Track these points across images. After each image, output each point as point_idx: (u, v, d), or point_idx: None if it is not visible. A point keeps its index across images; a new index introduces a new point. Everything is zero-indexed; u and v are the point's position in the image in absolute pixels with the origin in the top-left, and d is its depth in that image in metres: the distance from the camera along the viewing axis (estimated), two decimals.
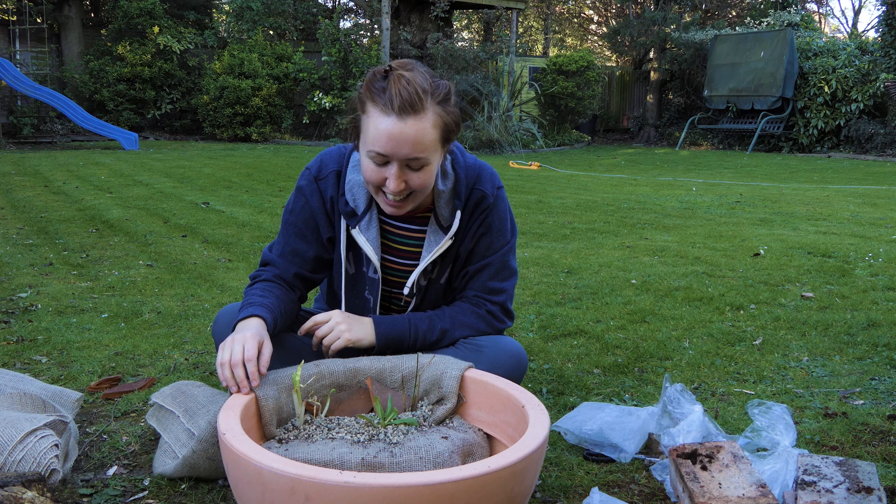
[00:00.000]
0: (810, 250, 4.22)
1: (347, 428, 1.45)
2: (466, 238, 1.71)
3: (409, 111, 1.45)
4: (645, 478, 1.59)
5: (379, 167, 1.51)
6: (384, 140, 1.46)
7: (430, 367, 1.54)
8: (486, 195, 1.69)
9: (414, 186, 1.53)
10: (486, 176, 1.72)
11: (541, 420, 1.33)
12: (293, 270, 1.72)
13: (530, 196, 6.91)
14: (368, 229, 1.67)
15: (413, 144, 1.46)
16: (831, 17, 30.72)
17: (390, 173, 1.50)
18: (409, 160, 1.49)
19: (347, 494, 1.09)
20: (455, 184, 1.67)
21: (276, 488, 1.14)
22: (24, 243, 4.26)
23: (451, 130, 1.54)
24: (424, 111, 1.47)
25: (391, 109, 1.45)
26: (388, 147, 1.46)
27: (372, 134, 1.47)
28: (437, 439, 1.37)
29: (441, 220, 1.67)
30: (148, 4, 14.13)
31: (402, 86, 1.45)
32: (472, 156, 1.75)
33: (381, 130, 1.46)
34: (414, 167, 1.50)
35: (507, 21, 16.62)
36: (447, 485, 1.10)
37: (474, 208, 1.70)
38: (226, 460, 1.25)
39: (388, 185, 1.51)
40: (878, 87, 13.19)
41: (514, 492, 1.20)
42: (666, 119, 17.41)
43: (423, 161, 1.50)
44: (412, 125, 1.45)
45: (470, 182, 1.69)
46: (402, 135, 1.45)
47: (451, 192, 1.67)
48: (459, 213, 1.67)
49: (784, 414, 1.65)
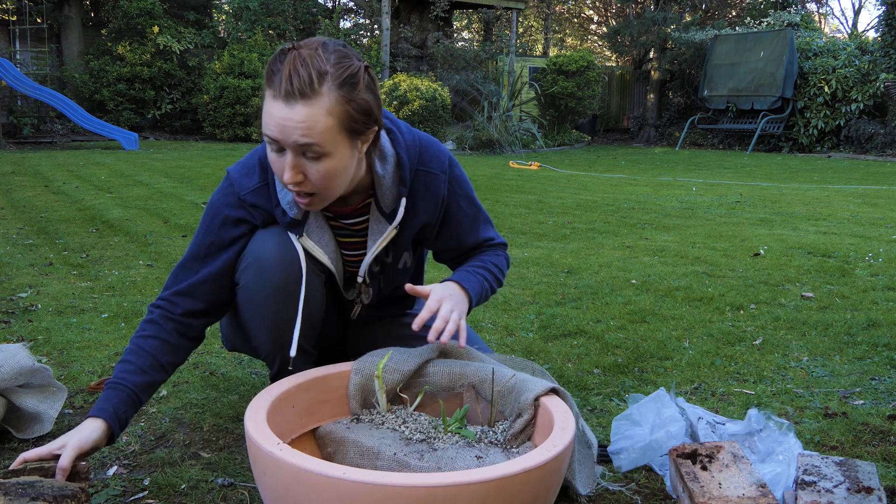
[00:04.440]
0: (810, 250, 4.22)
1: (415, 426, 1.49)
2: (417, 222, 1.62)
3: (296, 96, 1.31)
4: (645, 478, 1.59)
5: (278, 156, 1.38)
6: (272, 124, 1.34)
7: (517, 385, 1.51)
8: (436, 175, 1.59)
9: (313, 180, 1.39)
10: (431, 153, 1.60)
11: (566, 425, 1.32)
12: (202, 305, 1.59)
13: (530, 196, 6.91)
14: (322, 236, 1.58)
15: (302, 131, 1.32)
16: (831, 17, 30.72)
17: (286, 162, 1.37)
18: (302, 147, 1.34)
19: (337, 487, 1.12)
20: (397, 167, 1.54)
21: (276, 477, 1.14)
22: (24, 243, 4.26)
23: (355, 120, 1.37)
24: (317, 96, 1.31)
25: (280, 93, 1.32)
26: (277, 131, 1.34)
27: (265, 118, 1.36)
28: (470, 457, 1.37)
29: (383, 207, 1.56)
30: (148, 4, 14.13)
31: (295, 68, 1.31)
32: (413, 130, 1.61)
33: (271, 115, 1.34)
34: (310, 156, 1.36)
35: (507, 21, 16.62)
36: (430, 489, 1.11)
37: (424, 192, 1.59)
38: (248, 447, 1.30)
39: (284, 175, 1.38)
40: (878, 87, 13.20)
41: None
42: (666, 119, 17.41)
43: (319, 151, 1.35)
44: (299, 111, 1.31)
45: (413, 162, 1.57)
46: (289, 121, 1.32)
47: (393, 176, 1.54)
48: (404, 201, 1.56)
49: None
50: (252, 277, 1.54)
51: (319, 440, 1.50)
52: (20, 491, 1.19)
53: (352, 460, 1.41)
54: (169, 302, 1.57)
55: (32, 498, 1.17)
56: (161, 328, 1.54)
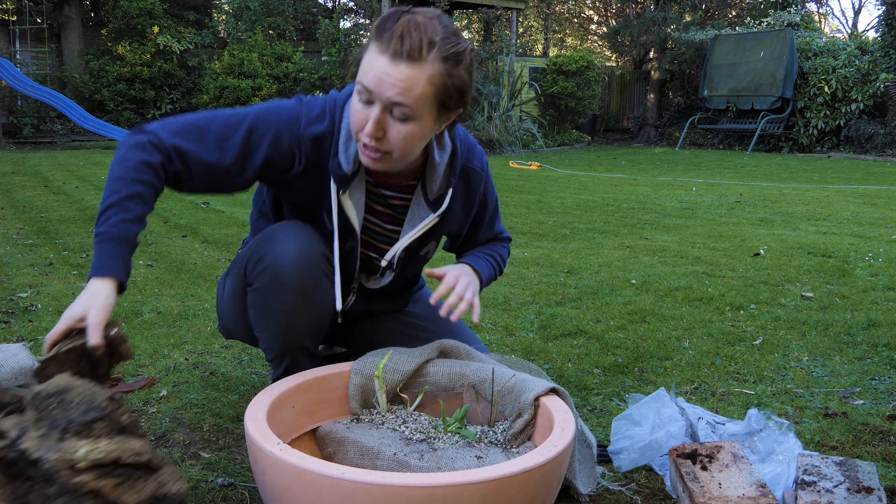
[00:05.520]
0: (810, 250, 4.21)
1: (415, 426, 1.49)
2: (454, 216, 1.67)
3: (403, 56, 1.34)
4: (645, 478, 1.59)
5: (364, 107, 1.40)
6: (371, 75, 1.36)
7: (517, 385, 1.51)
8: (478, 173, 1.67)
9: (391, 140, 1.41)
10: (475, 152, 1.69)
11: (566, 426, 1.32)
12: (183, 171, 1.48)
13: (530, 196, 6.90)
14: (356, 191, 1.58)
15: (399, 90, 1.35)
16: (831, 17, 30.72)
17: (371, 114, 1.39)
18: (393, 105, 1.37)
19: (337, 487, 1.13)
20: (451, 157, 1.59)
21: (276, 475, 1.14)
22: (24, 243, 4.26)
23: (449, 95, 1.41)
24: (422, 62, 1.35)
25: (387, 49, 1.35)
26: (374, 83, 1.36)
27: (364, 67, 1.39)
28: (470, 457, 1.37)
29: (428, 194, 1.59)
30: (148, 4, 14.13)
31: (408, 30, 1.35)
32: (464, 129, 1.69)
33: (373, 66, 1.36)
34: (397, 116, 1.38)
35: (507, 21, 16.62)
36: (430, 489, 1.11)
37: (467, 187, 1.66)
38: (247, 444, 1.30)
39: (366, 127, 1.39)
40: (878, 87, 13.20)
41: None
42: (666, 119, 17.41)
43: (408, 112, 1.37)
44: (403, 70, 1.35)
45: (464, 158, 1.63)
46: (390, 77, 1.35)
47: (447, 166, 1.59)
48: (451, 192, 1.60)
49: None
50: (268, 281, 1.52)
51: (319, 440, 1.50)
52: (51, 408, 1.15)
53: (352, 460, 1.41)
54: (173, 151, 1.46)
55: (63, 429, 1.12)
56: (158, 176, 1.45)
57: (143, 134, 1.46)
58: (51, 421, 1.14)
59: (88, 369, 1.29)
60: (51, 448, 1.08)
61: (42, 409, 1.16)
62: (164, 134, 1.46)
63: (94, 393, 1.18)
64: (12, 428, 1.13)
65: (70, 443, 1.09)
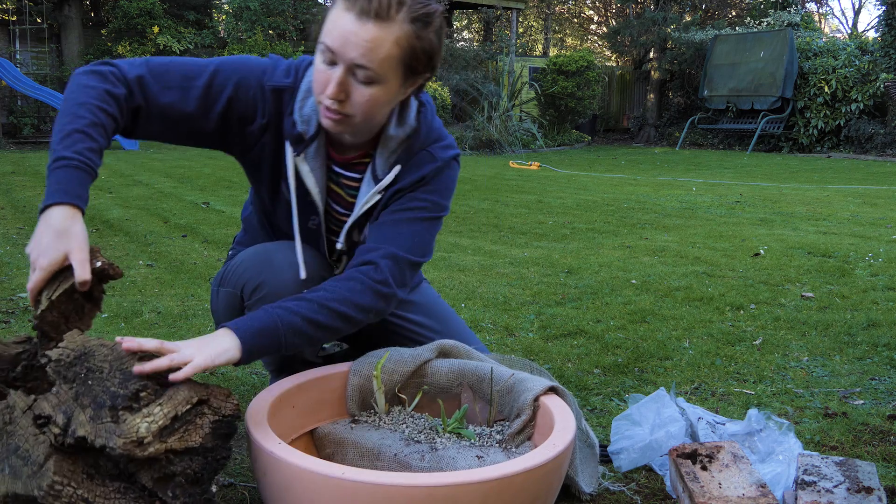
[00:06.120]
0: (810, 250, 4.21)
1: (414, 426, 1.49)
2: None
3: (371, 15, 1.28)
4: (645, 478, 1.59)
5: (327, 68, 1.33)
6: (335, 34, 1.30)
7: (516, 384, 1.51)
8: (434, 157, 1.53)
9: (354, 104, 1.35)
10: (445, 143, 1.56)
11: (566, 425, 1.32)
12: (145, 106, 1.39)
13: (530, 196, 6.90)
14: (316, 157, 1.50)
15: (364, 50, 1.29)
16: (831, 17, 30.74)
17: (333, 75, 1.32)
18: (357, 66, 1.31)
19: (336, 486, 1.13)
20: (410, 137, 1.50)
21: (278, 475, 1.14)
22: (24, 243, 4.25)
23: (417, 58, 1.34)
24: (390, 21, 1.29)
25: (353, 7, 1.29)
26: (337, 43, 1.30)
27: (328, 26, 1.32)
28: (470, 457, 1.37)
29: (378, 171, 1.50)
30: (148, 4, 14.12)
31: None
32: (440, 120, 1.59)
33: (337, 24, 1.30)
34: (361, 78, 1.32)
35: (507, 21, 16.62)
36: (430, 489, 1.11)
37: (417, 168, 1.51)
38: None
39: (328, 88, 1.33)
40: (878, 87, 13.19)
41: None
42: (666, 119, 17.40)
43: (372, 74, 1.32)
44: (369, 30, 1.29)
45: (427, 142, 1.52)
46: (355, 36, 1.29)
47: (400, 142, 1.49)
48: (398, 168, 1.49)
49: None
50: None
51: (318, 441, 1.50)
52: (85, 380, 1.14)
53: (351, 461, 1.41)
54: (136, 85, 1.39)
55: (111, 407, 1.10)
56: (120, 110, 1.37)
57: (105, 65, 1.39)
58: (92, 397, 1.13)
59: (84, 301, 1.26)
60: (111, 432, 1.08)
61: (72, 380, 1.15)
62: (127, 68, 1.39)
63: (120, 355, 1.17)
64: (55, 411, 1.12)
65: (128, 423, 1.09)
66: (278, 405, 1.40)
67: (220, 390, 1.19)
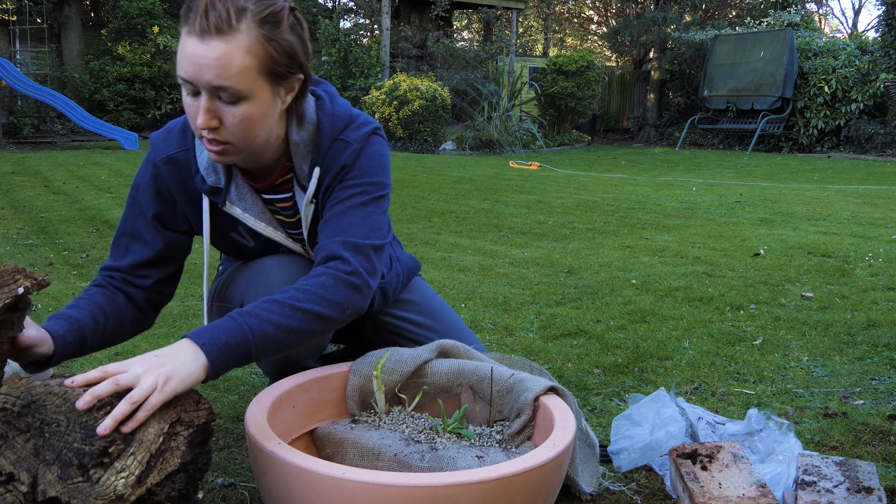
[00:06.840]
0: (810, 250, 4.22)
1: (414, 426, 1.49)
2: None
3: (212, 32, 1.22)
4: (645, 478, 1.59)
5: (193, 100, 1.28)
6: (185, 63, 1.24)
7: (516, 384, 1.51)
8: (348, 142, 1.44)
9: (228, 127, 1.29)
10: (357, 124, 1.46)
11: (566, 425, 1.32)
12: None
13: (530, 196, 6.90)
14: (242, 199, 1.47)
15: (217, 69, 1.23)
16: (831, 17, 30.74)
17: (200, 105, 1.27)
18: (216, 89, 1.25)
19: (336, 486, 1.13)
20: (316, 134, 1.43)
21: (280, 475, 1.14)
22: (24, 243, 4.26)
23: (276, 62, 1.27)
24: (234, 32, 1.23)
25: (195, 29, 1.23)
26: (191, 71, 1.24)
27: (178, 57, 1.26)
28: (471, 457, 1.37)
29: (301, 179, 1.44)
30: (148, 4, 14.13)
31: (212, 2, 1.23)
32: (346, 102, 1.50)
33: (185, 52, 1.24)
34: (226, 99, 1.26)
35: (507, 21, 16.63)
36: (431, 488, 1.11)
37: (335, 160, 1.44)
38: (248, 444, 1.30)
39: (198, 119, 1.27)
40: (878, 87, 13.19)
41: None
42: (666, 119, 17.41)
43: (234, 92, 1.25)
44: (215, 48, 1.22)
45: (336, 132, 1.44)
46: (203, 58, 1.22)
47: (309, 144, 1.42)
48: (318, 171, 1.43)
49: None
50: None
51: (318, 441, 1.50)
52: (40, 431, 1.06)
53: (351, 461, 1.41)
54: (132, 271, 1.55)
55: (79, 465, 1.03)
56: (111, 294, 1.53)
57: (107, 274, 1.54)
58: (55, 454, 1.05)
59: (9, 314, 1.14)
60: (86, 493, 1.01)
61: (26, 430, 1.07)
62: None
63: (73, 405, 1.06)
64: (16, 468, 1.05)
65: (102, 482, 1.02)
66: (278, 405, 1.40)
67: (188, 399, 1.13)
